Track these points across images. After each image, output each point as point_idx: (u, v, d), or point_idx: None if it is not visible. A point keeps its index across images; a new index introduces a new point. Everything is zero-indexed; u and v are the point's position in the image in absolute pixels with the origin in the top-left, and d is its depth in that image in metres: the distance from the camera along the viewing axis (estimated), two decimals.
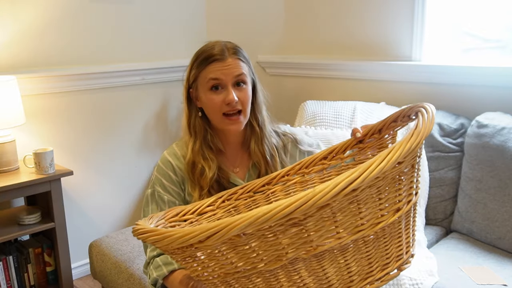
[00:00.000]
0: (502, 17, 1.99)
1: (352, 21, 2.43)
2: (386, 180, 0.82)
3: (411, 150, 0.79)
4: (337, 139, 2.02)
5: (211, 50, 1.20)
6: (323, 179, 1.19)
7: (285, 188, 1.18)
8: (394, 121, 1.11)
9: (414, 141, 0.80)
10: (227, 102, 1.18)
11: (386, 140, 1.14)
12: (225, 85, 1.19)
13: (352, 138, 1.18)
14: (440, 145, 1.90)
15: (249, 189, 1.16)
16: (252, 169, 1.29)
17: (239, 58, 1.21)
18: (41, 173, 2.03)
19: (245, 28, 2.85)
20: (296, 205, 0.68)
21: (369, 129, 1.16)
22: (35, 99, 2.27)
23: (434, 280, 1.49)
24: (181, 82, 3.14)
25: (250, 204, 1.15)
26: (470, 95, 2.02)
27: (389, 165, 0.75)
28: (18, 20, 2.20)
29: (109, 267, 1.87)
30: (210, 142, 1.25)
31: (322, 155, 1.18)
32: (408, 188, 0.89)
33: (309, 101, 2.32)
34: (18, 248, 2.18)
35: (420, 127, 0.84)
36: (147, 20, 2.66)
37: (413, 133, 0.82)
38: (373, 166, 0.74)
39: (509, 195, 1.67)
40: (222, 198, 1.13)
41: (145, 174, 2.79)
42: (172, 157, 1.27)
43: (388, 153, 0.76)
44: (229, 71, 1.18)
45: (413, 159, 0.87)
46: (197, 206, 1.10)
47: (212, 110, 1.21)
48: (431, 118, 0.88)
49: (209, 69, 1.19)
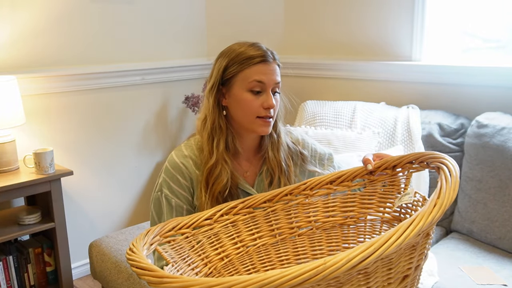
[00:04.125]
0: (502, 17, 1.99)
1: (352, 21, 2.43)
2: (399, 251, 0.79)
3: (432, 223, 0.75)
4: (337, 139, 2.02)
5: (256, 50, 1.18)
6: (326, 204, 1.16)
7: (286, 207, 1.15)
8: (410, 162, 1.08)
9: (436, 214, 0.75)
10: (266, 107, 1.16)
11: (400, 178, 1.11)
12: (266, 89, 1.17)
13: (363, 167, 1.15)
14: (440, 145, 1.90)
15: (249, 204, 1.13)
16: (262, 175, 1.27)
17: (278, 65, 1.21)
18: (41, 173, 2.03)
19: (245, 28, 2.85)
20: (305, 276, 0.65)
21: (382, 163, 1.12)
22: (35, 99, 2.27)
23: (434, 280, 1.49)
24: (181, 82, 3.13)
25: (249, 221, 1.12)
26: (470, 95, 2.02)
27: (408, 239, 0.71)
28: (18, 20, 2.20)
29: (109, 267, 1.87)
30: (230, 143, 1.21)
31: (329, 178, 1.15)
32: (419, 254, 0.86)
33: (309, 101, 2.32)
34: (18, 248, 2.18)
35: (443, 195, 0.79)
36: (147, 20, 2.66)
37: (435, 204, 0.77)
38: (390, 241, 0.69)
39: (509, 195, 1.67)
40: (221, 212, 1.09)
41: (145, 174, 2.80)
42: (181, 159, 1.22)
43: (408, 226, 0.72)
44: (272, 76, 1.18)
45: (430, 227, 0.84)
46: (194, 219, 1.06)
47: (245, 111, 1.18)
48: (455, 184, 0.83)
49: (254, 69, 1.16)
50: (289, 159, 1.28)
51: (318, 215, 1.16)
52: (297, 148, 1.32)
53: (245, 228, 1.12)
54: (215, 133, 1.20)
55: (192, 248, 1.03)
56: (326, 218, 1.16)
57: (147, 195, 2.80)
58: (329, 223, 1.16)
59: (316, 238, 1.16)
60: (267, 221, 1.14)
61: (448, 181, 0.83)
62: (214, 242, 1.07)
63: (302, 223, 1.16)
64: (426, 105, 2.11)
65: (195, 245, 1.04)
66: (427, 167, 1.04)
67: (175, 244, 1.01)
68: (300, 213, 1.16)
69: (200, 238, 1.06)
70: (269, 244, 1.14)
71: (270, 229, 1.14)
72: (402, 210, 1.08)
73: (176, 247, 1.01)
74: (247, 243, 1.11)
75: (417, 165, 1.07)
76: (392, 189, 1.12)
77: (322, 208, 1.16)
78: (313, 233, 1.16)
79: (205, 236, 1.07)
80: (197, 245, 1.04)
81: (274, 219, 1.15)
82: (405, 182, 1.10)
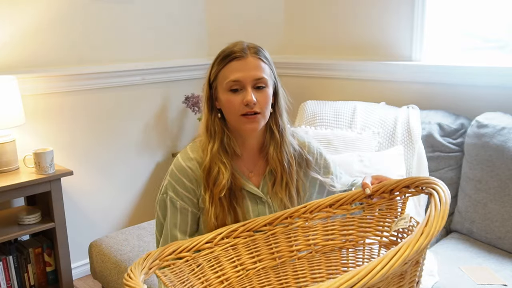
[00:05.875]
0: (502, 17, 1.99)
1: (352, 21, 2.43)
2: (386, 280, 0.78)
3: (419, 251, 0.75)
4: (337, 139, 2.02)
5: (232, 48, 1.17)
6: (326, 227, 1.17)
7: (286, 231, 1.16)
8: (406, 186, 1.10)
9: (423, 242, 0.76)
10: (245, 103, 1.14)
11: (397, 202, 1.13)
12: (244, 86, 1.15)
13: (361, 191, 1.16)
14: (440, 145, 1.90)
15: (250, 227, 1.14)
16: (268, 176, 1.26)
17: (260, 58, 1.17)
18: (41, 173, 2.03)
19: (245, 28, 2.85)
20: None
21: (380, 186, 1.15)
22: (35, 99, 2.27)
23: (434, 280, 1.49)
24: (181, 82, 3.14)
25: (249, 244, 1.13)
26: (470, 95, 2.02)
27: (392, 269, 0.71)
28: (18, 20, 2.20)
29: (109, 267, 1.87)
30: (227, 145, 1.20)
31: (329, 202, 1.17)
32: (409, 282, 0.86)
33: (309, 101, 2.32)
34: (18, 248, 2.18)
35: (431, 223, 0.80)
36: (147, 20, 2.66)
37: (422, 232, 0.78)
38: (374, 271, 0.70)
39: (509, 195, 1.67)
40: (222, 235, 1.10)
41: (145, 174, 2.80)
42: (186, 162, 1.22)
43: (394, 255, 0.72)
44: (250, 72, 1.14)
45: (418, 255, 0.84)
46: (194, 242, 1.07)
47: (230, 111, 1.17)
48: (444, 212, 0.83)
49: (229, 67, 1.15)
50: (293, 159, 1.26)
51: (318, 238, 1.18)
52: (302, 152, 1.29)
53: (246, 251, 1.13)
54: (210, 136, 1.21)
55: (192, 272, 1.04)
56: (326, 241, 1.17)
57: (147, 195, 2.80)
58: (328, 246, 1.17)
59: (315, 261, 1.17)
60: (267, 244, 1.15)
61: (437, 209, 0.84)
62: (214, 266, 1.08)
63: (301, 246, 1.17)
64: (426, 105, 2.11)
65: (195, 268, 1.05)
66: (421, 192, 1.06)
67: (175, 267, 1.03)
68: (300, 236, 1.17)
69: (200, 261, 1.07)
70: (269, 267, 1.15)
71: (270, 252, 1.15)
72: (399, 235, 1.10)
73: (176, 271, 1.02)
74: (247, 266, 1.12)
75: (413, 190, 1.09)
76: (390, 213, 1.14)
77: (321, 231, 1.18)
78: (312, 257, 1.17)
79: (205, 260, 1.08)
80: (197, 269, 1.05)
81: (274, 242, 1.16)
82: (402, 206, 1.13)
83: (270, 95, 1.18)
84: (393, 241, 1.12)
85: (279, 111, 1.24)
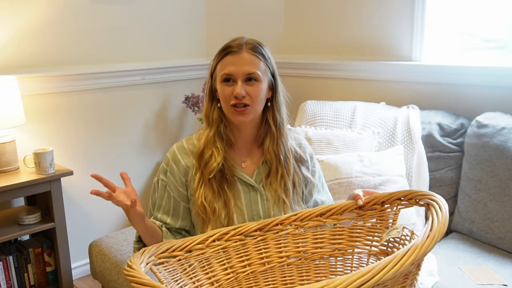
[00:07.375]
0: (502, 17, 1.99)
1: (352, 21, 2.43)
2: (394, 278, 0.83)
3: (426, 253, 0.80)
4: (337, 139, 2.02)
5: (231, 42, 1.24)
6: (316, 235, 1.20)
7: (276, 237, 1.18)
8: (399, 199, 1.13)
9: (430, 244, 0.81)
10: (235, 95, 1.20)
11: (389, 213, 1.16)
12: (236, 80, 1.21)
13: (353, 202, 1.19)
14: (440, 145, 1.90)
15: (241, 231, 1.16)
16: (262, 167, 1.30)
17: (255, 55, 1.22)
18: (41, 173, 2.03)
19: (245, 28, 2.85)
20: None
21: (372, 198, 1.17)
22: (35, 99, 2.27)
23: (434, 280, 1.49)
24: (181, 82, 3.15)
25: (239, 248, 1.15)
26: (470, 95, 2.02)
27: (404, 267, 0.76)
28: (18, 20, 2.20)
29: (109, 267, 1.87)
30: (223, 133, 1.27)
31: (319, 211, 1.19)
32: (410, 284, 0.90)
33: (309, 101, 2.32)
34: (18, 248, 2.18)
35: (435, 229, 0.85)
36: (147, 20, 2.66)
37: (428, 235, 0.83)
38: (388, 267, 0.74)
39: (509, 195, 1.67)
40: (213, 237, 1.13)
41: (145, 174, 2.79)
42: (179, 150, 1.30)
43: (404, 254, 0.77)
44: (242, 67, 1.20)
45: (422, 258, 0.89)
46: (187, 242, 1.10)
47: (223, 101, 1.24)
48: (445, 219, 0.89)
49: (224, 60, 1.22)
50: (289, 152, 1.30)
51: (307, 245, 1.20)
52: (298, 150, 1.34)
53: (236, 254, 1.15)
54: (209, 123, 1.29)
55: (185, 271, 1.06)
56: (315, 249, 1.20)
57: (147, 195, 2.80)
58: (317, 254, 1.20)
59: (304, 268, 1.19)
60: (257, 249, 1.17)
61: (439, 217, 0.90)
62: (205, 267, 1.10)
63: (291, 252, 1.19)
64: (426, 105, 2.11)
65: (187, 268, 1.07)
66: (416, 204, 1.09)
67: (169, 265, 1.05)
68: (290, 243, 1.19)
69: (192, 261, 1.09)
70: (258, 271, 1.16)
71: (260, 257, 1.17)
72: (390, 244, 1.12)
73: (170, 269, 1.04)
74: (237, 269, 1.14)
75: (405, 202, 1.12)
76: (381, 223, 1.17)
77: (311, 239, 1.20)
78: (301, 263, 1.19)
79: (197, 260, 1.10)
80: (189, 268, 1.07)
81: (264, 247, 1.18)
82: (393, 217, 1.15)
83: (262, 89, 1.23)
84: (383, 250, 1.14)
85: (277, 106, 1.28)
